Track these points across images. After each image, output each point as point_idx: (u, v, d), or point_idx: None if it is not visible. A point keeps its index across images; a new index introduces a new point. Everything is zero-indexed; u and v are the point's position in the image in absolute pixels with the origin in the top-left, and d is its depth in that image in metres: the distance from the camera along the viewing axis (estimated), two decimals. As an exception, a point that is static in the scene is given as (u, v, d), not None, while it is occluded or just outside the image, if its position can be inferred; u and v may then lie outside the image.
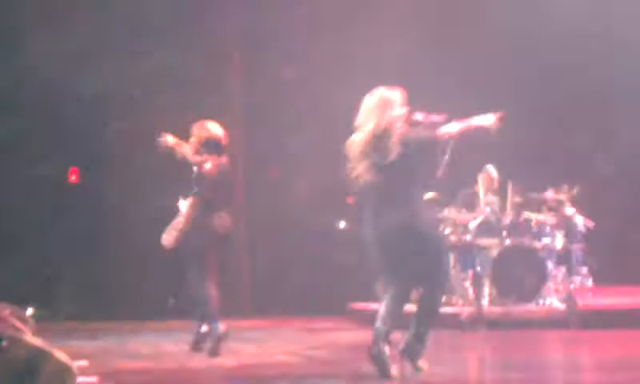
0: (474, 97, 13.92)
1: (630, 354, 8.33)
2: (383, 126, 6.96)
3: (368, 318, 12.44)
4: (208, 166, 8.77)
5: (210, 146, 8.88)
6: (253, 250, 14.81)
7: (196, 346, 8.67)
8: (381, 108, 7.04)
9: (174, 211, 9.20)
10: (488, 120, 7.22)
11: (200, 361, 8.26)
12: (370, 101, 7.14)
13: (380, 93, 7.16)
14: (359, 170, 7.04)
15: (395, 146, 6.91)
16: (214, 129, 9.00)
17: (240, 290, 14.57)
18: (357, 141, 7.07)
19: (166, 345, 9.82)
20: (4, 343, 4.77)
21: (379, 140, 6.95)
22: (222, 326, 8.35)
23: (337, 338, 10.64)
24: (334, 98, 13.25)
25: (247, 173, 14.46)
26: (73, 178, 14.53)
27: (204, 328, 8.61)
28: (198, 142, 8.93)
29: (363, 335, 11.09)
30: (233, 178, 9.44)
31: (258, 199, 14.38)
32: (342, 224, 15.04)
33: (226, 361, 7.92)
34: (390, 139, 6.93)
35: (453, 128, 7.09)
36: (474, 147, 12.76)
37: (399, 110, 7.07)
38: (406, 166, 6.92)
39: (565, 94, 13.87)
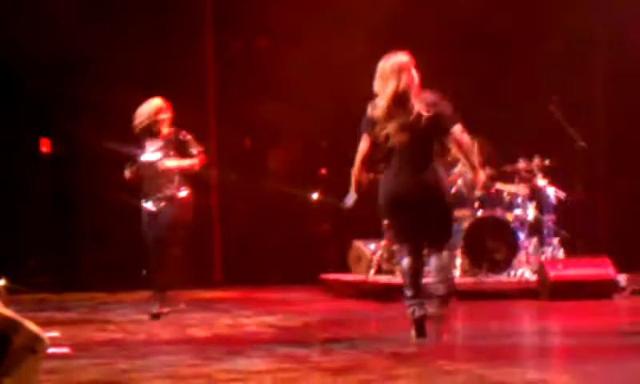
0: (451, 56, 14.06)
1: (597, 323, 8.39)
2: (402, 87, 7.21)
3: (340, 289, 12.52)
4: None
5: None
6: (225, 221, 14.78)
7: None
8: (397, 71, 7.28)
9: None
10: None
11: (171, 332, 8.25)
12: (385, 66, 7.38)
13: (394, 58, 7.41)
14: (389, 130, 7.25)
15: (416, 105, 7.18)
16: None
17: (212, 261, 14.55)
18: (380, 105, 7.29)
19: (136, 315, 9.79)
20: (-26, 314, 4.72)
21: (401, 101, 7.19)
22: None
23: (309, 308, 10.65)
24: (309, 68, 13.24)
25: (220, 143, 14.41)
26: (44, 148, 14.43)
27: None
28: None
29: (335, 305, 11.13)
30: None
31: (231, 169, 14.34)
32: (315, 195, 15.03)
33: (198, 332, 7.91)
34: (409, 100, 7.20)
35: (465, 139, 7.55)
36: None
37: (413, 72, 7.33)
38: (428, 125, 7.19)
39: (539, 61, 13.91)
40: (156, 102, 9.64)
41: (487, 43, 14.21)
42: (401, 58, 7.39)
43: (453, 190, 11.94)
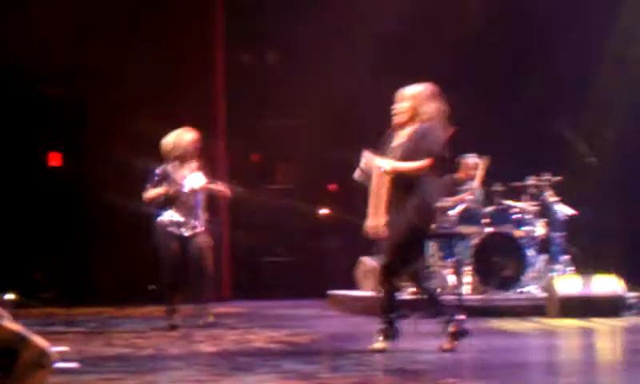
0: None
1: (606, 341, 8.37)
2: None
3: (348, 304, 12.50)
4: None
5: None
6: (234, 236, 14.79)
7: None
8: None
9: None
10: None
11: (179, 347, 8.25)
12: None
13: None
14: None
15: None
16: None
17: (220, 276, 14.55)
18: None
19: (145, 331, 9.80)
20: (-19, 328, 4.72)
21: None
22: None
23: (317, 324, 10.64)
24: (319, 82, 13.26)
25: (229, 157, 14.43)
26: (53, 162, 14.45)
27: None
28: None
29: (343, 321, 11.11)
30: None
31: (240, 184, 14.35)
32: (324, 210, 15.04)
33: (206, 347, 7.90)
34: None
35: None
36: (454, 135, 12.89)
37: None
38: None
39: (545, 82, 13.89)
40: (192, 134, 9.96)
41: (497, 59, 14.22)
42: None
43: (462, 207, 11.94)
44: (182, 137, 9.95)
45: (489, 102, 14.16)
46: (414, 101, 7.44)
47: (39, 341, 4.95)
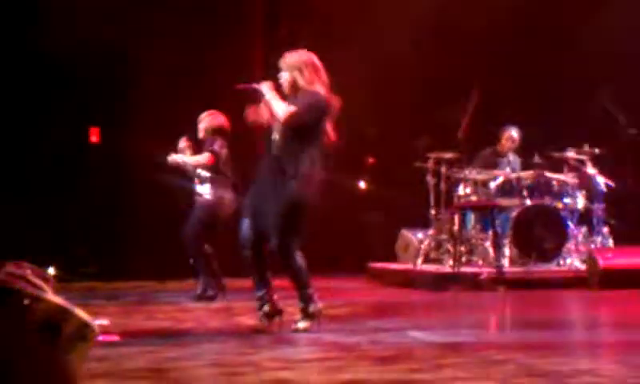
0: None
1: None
2: None
3: (387, 278, 12.50)
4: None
5: (220, 133, 10.15)
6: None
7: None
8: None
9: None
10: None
11: (219, 320, 8.29)
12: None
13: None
14: None
15: None
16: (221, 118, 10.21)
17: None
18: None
19: (185, 304, 9.86)
20: (26, 302, 4.77)
21: None
22: None
23: (356, 297, 10.65)
24: (356, 56, 13.21)
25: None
26: (93, 138, 14.52)
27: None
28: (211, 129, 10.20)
29: (382, 294, 11.12)
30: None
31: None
32: (362, 183, 15.02)
33: (245, 320, 7.93)
34: None
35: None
36: (494, 107, 12.84)
37: None
38: None
39: (586, 54, 13.76)
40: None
41: (537, 32, 14.11)
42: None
43: (502, 180, 11.89)
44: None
45: (530, 74, 14.06)
46: (294, 71, 7.31)
47: (82, 314, 4.99)
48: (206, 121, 10.28)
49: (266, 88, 7.25)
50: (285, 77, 7.31)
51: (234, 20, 14.33)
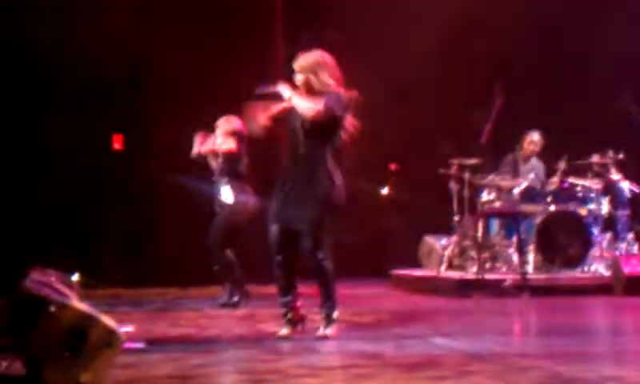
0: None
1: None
2: None
3: (411, 284, 12.47)
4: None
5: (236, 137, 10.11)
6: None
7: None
8: None
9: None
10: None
11: (244, 327, 8.29)
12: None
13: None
14: None
15: None
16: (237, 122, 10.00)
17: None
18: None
19: (209, 310, 9.87)
20: (52, 308, 4.79)
21: None
22: None
23: (380, 304, 10.64)
24: (379, 61, 13.20)
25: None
26: (116, 145, 14.55)
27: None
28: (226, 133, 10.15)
29: (406, 301, 11.09)
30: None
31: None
32: (385, 189, 14.99)
33: (270, 327, 7.93)
34: None
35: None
36: (517, 113, 12.79)
37: None
38: None
39: (609, 57, 13.71)
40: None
41: (559, 34, 14.06)
42: None
43: (525, 185, 11.85)
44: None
45: (552, 78, 14.01)
46: (309, 72, 7.28)
47: (107, 321, 5.01)
48: (223, 126, 10.29)
49: (285, 89, 7.24)
50: (299, 78, 7.31)
51: (255, 23, 14.33)
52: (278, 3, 14.66)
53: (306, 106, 7.13)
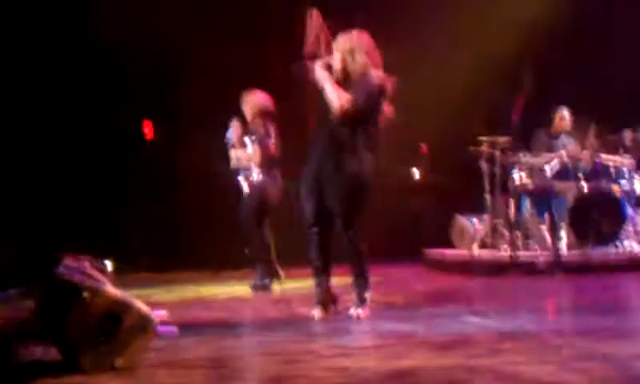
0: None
1: None
2: None
3: (443, 264, 12.47)
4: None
5: (265, 114, 10.12)
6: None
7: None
8: None
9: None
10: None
11: (276, 310, 8.31)
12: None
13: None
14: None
15: None
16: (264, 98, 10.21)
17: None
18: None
19: (242, 293, 9.90)
20: (85, 295, 4.82)
21: None
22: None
23: (412, 284, 10.63)
24: (408, 44, 13.17)
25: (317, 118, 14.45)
26: (147, 130, 14.62)
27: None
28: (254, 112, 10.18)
29: (438, 281, 11.09)
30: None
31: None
32: (416, 170, 14.97)
33: (303, 309, 7.94)
34: None
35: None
36: (547, 90, 12.73)
37: None
38: None
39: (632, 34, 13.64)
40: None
41: (590, 13, 13.99)
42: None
43: (558, 164, 11.79)
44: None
45: (582, 54, 13.93)
46: (346, 53, 7.24)
47: (141, 306, 5.04)
48: (251, 102, 10.27)
49: (321, 72, 7.22)
50: (337, 58, 7.28)
51: (284, 17, 14.33)
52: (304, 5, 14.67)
53: (334, 98, 7.11)
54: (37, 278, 4.93)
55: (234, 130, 10.32)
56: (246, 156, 10.15)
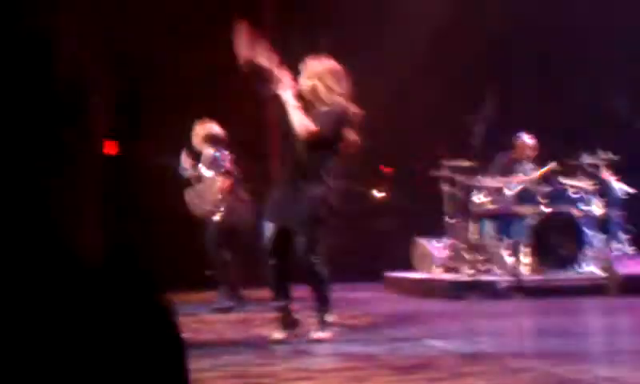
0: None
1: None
2: None
3: (405, 287, 12.47)
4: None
5: (214, 142, 10.29)
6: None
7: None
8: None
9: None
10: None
11: (237, 331, 8.28)
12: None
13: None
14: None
15: None
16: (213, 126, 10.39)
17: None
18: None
19: (203, 315, 9.85)
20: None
21: None
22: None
23: (374, 306, 10.63)
24: (372, 65, 13.20)
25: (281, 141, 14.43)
26: (112, 149, 14.51)
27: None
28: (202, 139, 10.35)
29: (400, 303, 11.09)
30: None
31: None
32: (377, 192, 14.99)
33: (263, 331, 7.91)
34: None
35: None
36: (509, 114, 12.80)
37: None
38: None
39: (595, 59, 13.76)
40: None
41: (549, 37, 14.10)
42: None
43: (518, 188, 11.86)
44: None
45: (541, 80, 14.05)
46: (313, 79, 7.27)
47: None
48: (200, 132, 10.41)
49: (286, 96, 7.21)
50: (306, 83, 7.29)
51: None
52: (267, 13, 14.68)
53: (300, 124, 7.11)
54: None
55: (184, 159, 10.39)
56: (208, 188, 10.18)
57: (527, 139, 12.41)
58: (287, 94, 7.20)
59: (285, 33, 14.24)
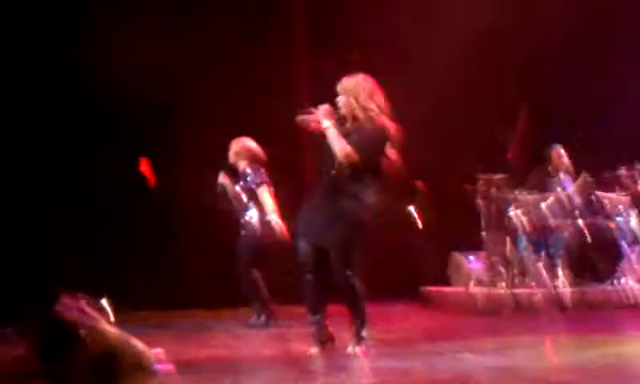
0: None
1: None
2: None
3: (440, 301, 12.44)
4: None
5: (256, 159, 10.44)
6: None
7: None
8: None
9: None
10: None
11: (274, 348, 8.29)
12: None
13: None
14: None
15: None
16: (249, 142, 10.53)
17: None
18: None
19: (239, 331, 9.88)
20: (83, 333, 4.81)
21: None
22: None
23: (409, 321, 10.62)
24: (401, 82, 13.20)
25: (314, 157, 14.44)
26: (142, 168, 14.57)
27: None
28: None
29: (436, 318, 11.07)
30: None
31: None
32: (412, 207, 14.97)
33: (300, 346, 7.92)
34: None
35: None
36: (544, 127, 12.75)
37: None
38: None
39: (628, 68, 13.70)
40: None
41: (586, 48, 14.04)
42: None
43: (553, 200, 11.81)
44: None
45: (578, 91, 13.98)
46: (350, 95, 7.29)
47: (138, 344, 5.03)
48: (240, 148, 10.51)
49: (326, 121, 7.24)
50: (341, 101, 7.32)
51: (278, 41, 14.39)
52: (299, 31, 14.72)
53: (338, 148, 7.15)
54: (34, 317, 4.93)
55: (223, 179, 10.47)
56: (262, 205, 10.25)
57: (561, 149, 12.38)
58: (326, 123, 7.23)
59: (319, 55, 14.43)
